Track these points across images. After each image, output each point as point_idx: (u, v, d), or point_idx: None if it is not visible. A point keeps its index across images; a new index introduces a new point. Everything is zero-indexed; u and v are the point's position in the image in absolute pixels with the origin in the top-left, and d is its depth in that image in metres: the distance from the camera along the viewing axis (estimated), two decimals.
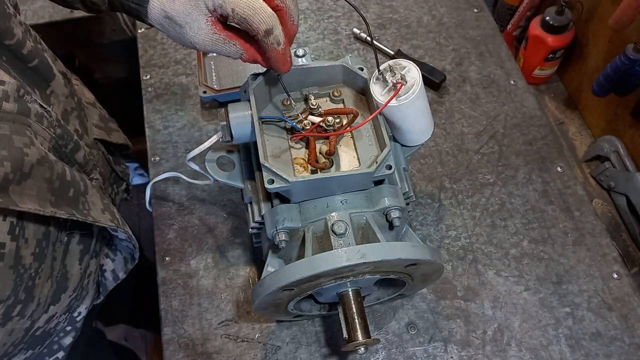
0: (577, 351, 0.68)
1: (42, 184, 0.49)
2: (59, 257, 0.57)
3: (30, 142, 0.48)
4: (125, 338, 1.57)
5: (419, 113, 0.57)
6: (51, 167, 0.51)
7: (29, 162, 0.47)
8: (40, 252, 0.52)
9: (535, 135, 0.86)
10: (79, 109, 0.69)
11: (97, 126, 0.75)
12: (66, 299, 0.60)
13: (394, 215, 0.55)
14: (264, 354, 0.68)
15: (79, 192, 0.56)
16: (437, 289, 0.73)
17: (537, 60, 1.15)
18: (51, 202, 0.50)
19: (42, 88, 0.59)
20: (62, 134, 0.57)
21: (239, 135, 0.56)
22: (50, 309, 0.58)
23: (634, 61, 0.89)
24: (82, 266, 0.62)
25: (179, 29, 0.50)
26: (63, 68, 0.68)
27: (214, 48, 0.51)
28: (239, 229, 0.78)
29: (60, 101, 0.63)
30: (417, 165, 0.84)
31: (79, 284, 0.62)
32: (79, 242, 0.61)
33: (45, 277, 0.54)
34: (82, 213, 0.55)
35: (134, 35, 1.03)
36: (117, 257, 0.71)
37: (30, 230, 0.50)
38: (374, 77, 0.56)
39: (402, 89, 0.54)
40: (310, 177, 0.53)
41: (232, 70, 0.91)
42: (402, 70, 0.55)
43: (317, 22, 1.01)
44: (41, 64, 0.58)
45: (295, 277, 0.47)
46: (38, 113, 0.52)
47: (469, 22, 1.00)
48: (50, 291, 0.56)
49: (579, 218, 0.78)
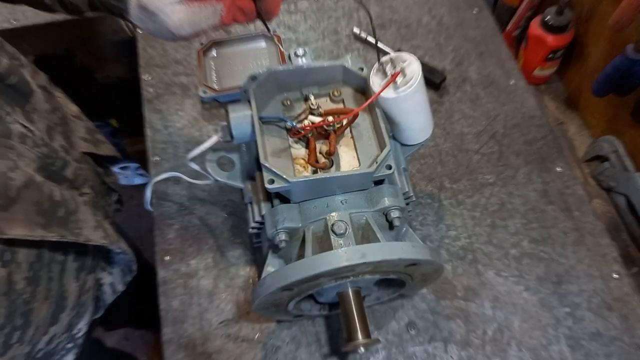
0: (577, 351, 0.68)
1: (31, 207, 0.48)
2: (55, 277, 0.56)
3: (14, 166, 0.47)
4: (126, 337, 1.57)
5: (417, 108, 0.57)
6: (39, 189, 0.50)
7: (14, 187, 0.46)
8: (34, 275, 0.51)
9: (535, 135, 0.86)
10: (64, 124, 0.68)
11: (84, 139, 0.73)
12: (65, 318, 0.59)
13: (394, 215, 0.55)
14: (264, 354, 0.68)
15: (69, 212, 0.55)
16: (437, 289, 0.73)
17: (537, 60, 1.15)
18: (41, 224, 0.49)
19: (21, 105, 0.58)
20: (48, 152, 0.56)
21: (239, 135, 0.56)
22: (50, 330, 0.57)
23: (634, 61, 0.89)
24: (79, 283, 0.61)
25: (154, 17, 0.49)
26: (44, 81, 0.66)
27: (192, 22, 0.50)
28: (239, 229, 0.78)
29: (42, 117, 0.62)
30: (417, 165, 0.84)
31: (77, 302, 0.61)
32: (75, 259, 0.60)
33: (41, 300, 0.53)
34: (74, 233, 0.54)
35: (134, 35, 1.03)
36: (115, 270, 0.70)
37: (22, 254, 0.49)
38: (374, 68, 0.56)
39: (401, 82, 0.54)
40: (311, 177, 0.53)
41: (232, 70, 0.91)
42: (403, 63, 0.55)
43: (317, 22, 1.01)
44: (19, 81, 0.57)
45: (295, 277, 0.47)
46: (21, 133, 0.51)
47: (469, 22, 1.00)
48: (48, 312, 0.55)
49: (578, 218, 0.78)
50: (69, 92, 0.77)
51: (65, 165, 0.60)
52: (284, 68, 0.58)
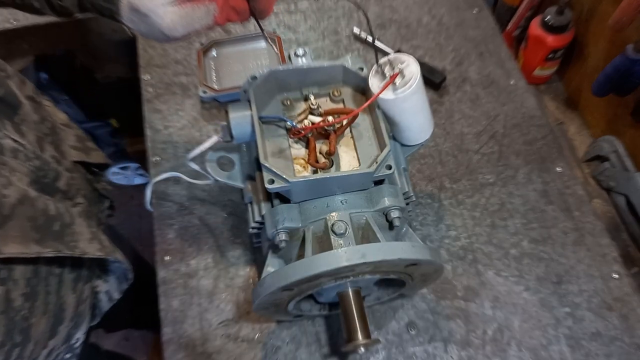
0: (577, 351, 0.68)
1: (25, 223, 0.48)
2: (53, 291, 0.55)
3: (7, 182, 0.46)
4: (126, 338, 1.57)
5: (416, 109, 0.57)
6: (33, 205, 0.49)
7: (8, 204, 0.45)
8: (31, 290, 0.50)
9: (535, 135, 0.86)
10: (53, 134, 0.67)
11: (75, 147, 0.72)
12: (64, 330, 0.59)
13: (394, 215, 0.55)
14: (264, 354, 0.68)
15: (64, 225, 0.54)
16: (437, 289, 0.73)
17: (537, 60, 1.15)
18: (36, 240, 0.49)
19: (10, 118, 0.57)
20: (40, 165, 0.55)
21: (239, 135, 0.56)
22: (49, 344, 0.56)
23: (634, 61, 0.89)
24: (77, 294, 0.61)
25: (146, 19, 0.48)
26: (31, 91, 0.65)
27: (185, 23, 0.49)
28: (239, 229, 0.78)
29: (32, 129, 0.61)
30: (417, 165, 0.84)
31: (75, 312, 0.61)
32: (71, 271, 0.60)
33: (40, 315, 0.53)
34: (69, 247, 0.53)
35: (134, 35, 1.03)
36: (110, 278, 0.70)
37: (19, 271, 0.48)
38: (373, 70, 0.56)
39: (400, 83, 0.54)
40: (310, 177, 0.53)
41: (232, 70, 0.91)
42: (402, 64, 0.55)
43: (317, 22, 1.01)
44: (6, 93, 0.56)
45: (295, 277, 0.47)
46: (12, 148, 0.50)
47: (469, 22, 1.00)
48: (47, 326, 0.55)
49: (578, 218, 0.78)
50: (69, 92, 0.77)
51: (57, 176, 0.60)
52: (284, 68, 0.58)
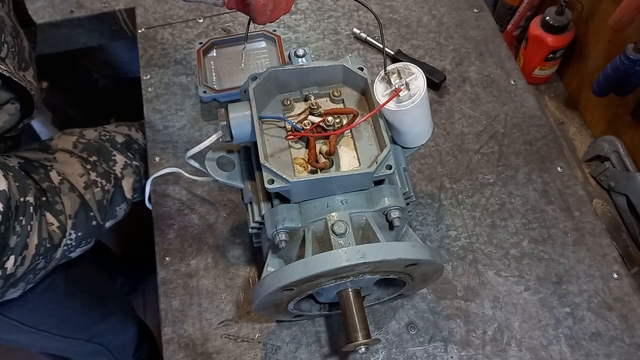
0: (577, 351, 0.68)
1: None
2: None
3: None
4: None
5: (417, 121, 0.57)
6: None
7: None
8: None
9: (535, 135, 0.86)
10: None
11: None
12: None
13: (394, 215, 0.55)
14: (264, 354, 0.68)
15: None
16: (437, 289, 0.73)
17: (537, 60, 1.15)
18: None
19: None
20: None
21: (239, 135, 0.56)
22: None
23: (634, 61, 0.88)
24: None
25: None
26: None
27: None
28: (239, 229, 0.78)
29: None
30: (417, 165, 0.84)
31: None
32: None
33: None
34: None
35: (134, 35, 1.03)
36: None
37: None
38: (379, 75, 0.56)
39: (404, 96, 0.53)
40: (310, 177, 0.53)
41: (232, 70, 0.92)
42: (409, 76, 0.54)
43: (317, 22, 1.01)
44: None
45: (295, 277, 0.47)
46: None
47: (469, 22, 1.00)
48: None
49: (579, 218, 0.78)
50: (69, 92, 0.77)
51: None
52: (284, 68, 0.58)
